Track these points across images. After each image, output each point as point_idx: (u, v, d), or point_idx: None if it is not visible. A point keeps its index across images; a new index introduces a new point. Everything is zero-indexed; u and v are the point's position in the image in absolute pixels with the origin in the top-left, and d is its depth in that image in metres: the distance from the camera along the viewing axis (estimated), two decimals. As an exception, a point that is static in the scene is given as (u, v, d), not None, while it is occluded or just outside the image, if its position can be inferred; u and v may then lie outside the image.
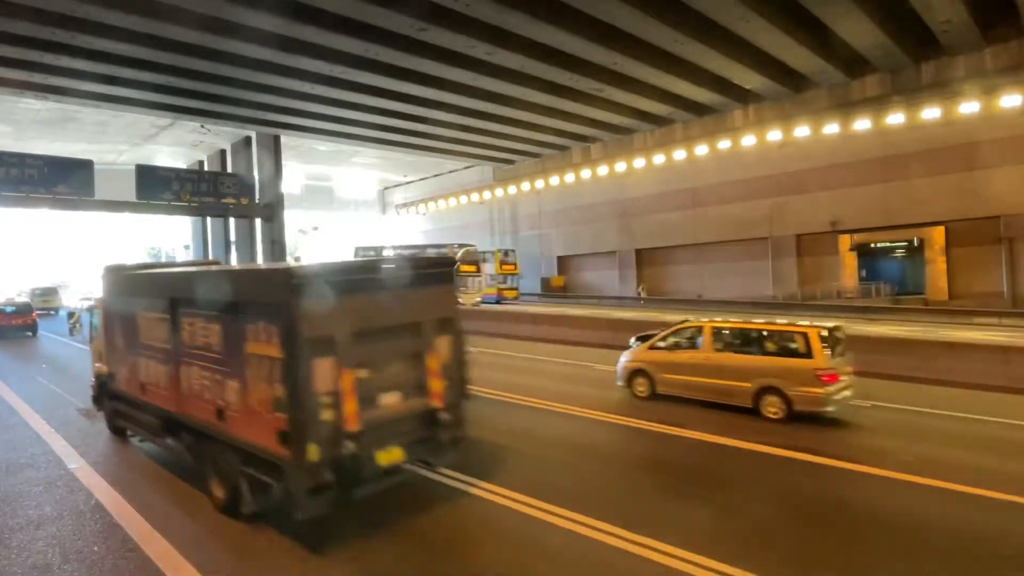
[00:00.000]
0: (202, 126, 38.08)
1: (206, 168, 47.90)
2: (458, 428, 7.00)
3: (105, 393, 9.54)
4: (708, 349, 10.87)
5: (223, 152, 46.86)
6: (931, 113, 25.32)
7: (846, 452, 8.34)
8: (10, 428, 10.13)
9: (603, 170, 37.42)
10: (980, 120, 25.00)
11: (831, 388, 9.50)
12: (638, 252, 40.15)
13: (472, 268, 37.28)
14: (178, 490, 7.15)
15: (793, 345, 10.07)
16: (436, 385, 6.56)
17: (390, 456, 6.17)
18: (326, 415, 5.61)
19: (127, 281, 9.21)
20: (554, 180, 40.72)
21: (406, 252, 34.58)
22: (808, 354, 9.72)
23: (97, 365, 10.00)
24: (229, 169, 45.72)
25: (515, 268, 40.81)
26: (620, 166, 36.41)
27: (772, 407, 9.96)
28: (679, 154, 33.34)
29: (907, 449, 8.54)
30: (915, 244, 30.75)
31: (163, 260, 74.63)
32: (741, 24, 19.82)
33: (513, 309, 32.09)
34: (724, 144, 31.53)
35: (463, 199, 50.09)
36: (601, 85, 25.36)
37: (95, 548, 5.69)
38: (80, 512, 6.51)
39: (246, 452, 6.08)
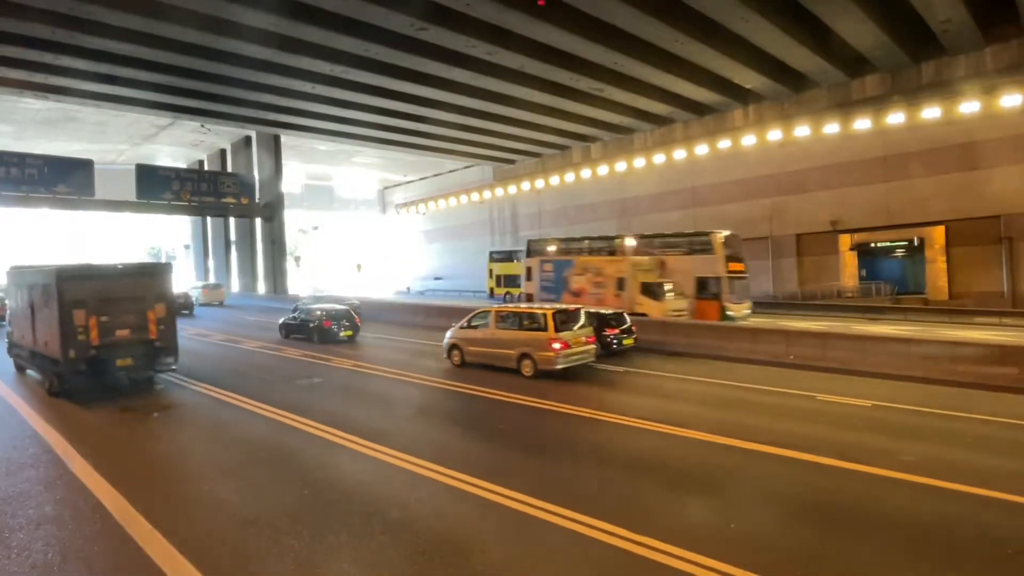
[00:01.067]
0: (202, 126, 38.08)
1: (206, 168, 47.90)
2: (168, 352, 12.89)
3: (11, 345, 15.17)
4: (493, 327, 14.47)
5: (223, 152, 46.85)
6: (931, 113, 25.32)
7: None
8: (9, 427, 10.16)
9: (603, 170, 37.42)
10: (980, 120, 24.99)
11: (560, 352, 13.13)
12: (638, 252, 40.11)
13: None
14: (178, 490, 7.16)
15: (537, 323, 13.54)
16: (152, 328, 12.58)
17: (124, 362, 12.23)
18: (81, 337, 11.55)
19: (14, 276, 14.73)
20: (554, 180, 40.71)
21: (657, 238, 25.75)
22: (545, 328, 13.31)
23: (8, 330, 15.51)
24: (229, 169, 45.72)
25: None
26: (620, 166, 36.40)
27: (526, 367, 13.53)
28: (679, 154, 33.34)
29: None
30: (915, 244, 30.74)
31: (163, 260, 74.59)
32: (741, 23, 19.82)
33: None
34: (724, 144, 31.53)
35: (463, 199, 50.09)
36: (601, 85, 25.37)
37: (95, 548, 5.69)
38: (80, 512, 6.51)
39: (52, 359, 12.08)
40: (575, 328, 13.75)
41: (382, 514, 6.31)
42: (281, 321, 22.25)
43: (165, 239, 73.44)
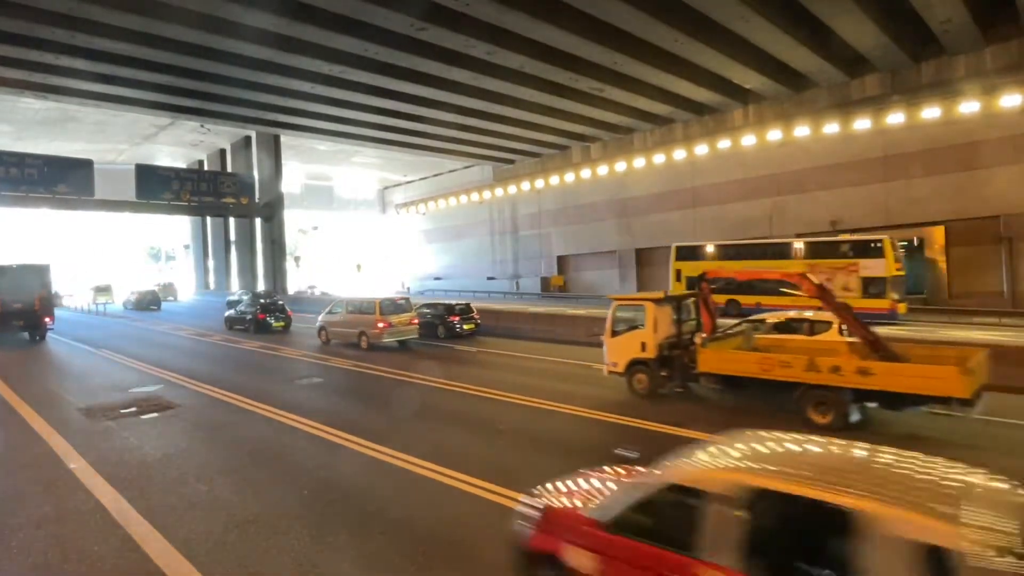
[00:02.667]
0: (202, 126, 38.08)
1: (206, 168, 47.90)
2: (47, 315, 21.90)
3: None
4: (344, 314, 19.50)
5: (223, 152, 46.86)
6: (931, 113, 25.31)
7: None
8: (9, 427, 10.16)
9: (603, 170, 37.42)
10: (980, 120, 24.98)
11: (385, 332, 18.16)
12: (638, 252, 40.13)
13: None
14: (178, 490, 7.16)
15: (371, 310, 18.61)
16: (36, 305, 21.20)
17: (19, 322, 21.23)
18: None
19: None
20: (554, 180, 40.71)
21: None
22: (374, 313, 18.35)
23: None
24: (229, 169, 45.73)
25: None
26: (620, 166, 36.40)
27: (363, 343, 18.46)
28: (679, 154, 33.34)
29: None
30: (915, 244, 30.72)
31: (162, 259, 74.58)
32: (741, 23, 19.82)
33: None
34: (724, 144, 31.53)
35: (463, 199, 50.08)
36: (601, 85, 25.37)
37: (95, 548, 5.69)
38: (80, 512, 6.51)
39: None
40: (400, 314, 18.85)
41: (382, 514, 6.31)
42: (225, 315, 26.68)
43: (165, 239, 73.52)
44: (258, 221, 44.77)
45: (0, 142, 37.74)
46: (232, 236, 48.14)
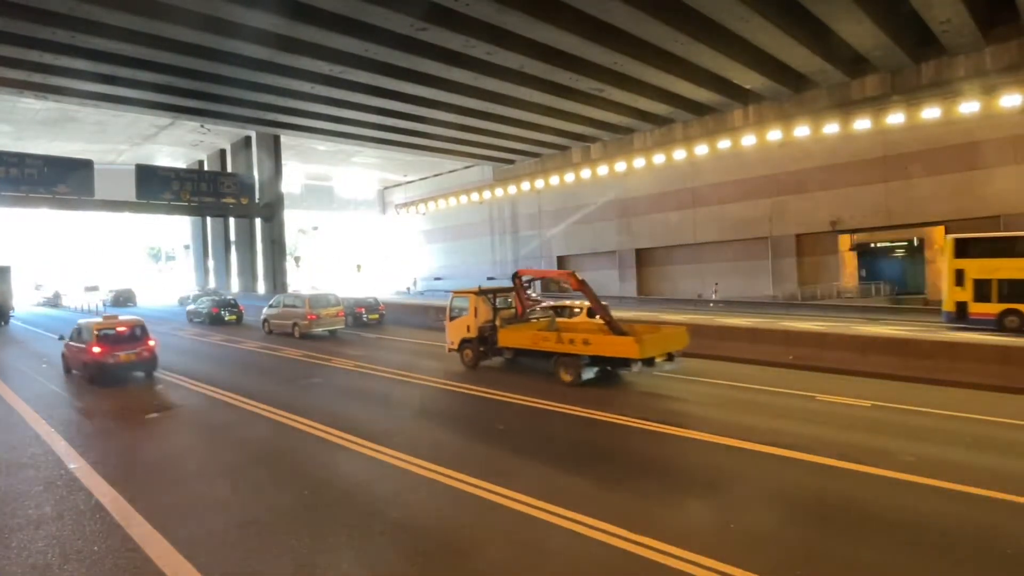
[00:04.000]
0: (202, 126, 38.06)
1: (206, 168, 47.88)
2: (9, 309, 30.62)
3: None
4: (282, 308, 23.19)
5: (223, 152, 46.83)
6: (931, 113, 25.31)
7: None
8: (9, 427, 10.16)
9: (603, 170, 37.42)
10: (980, 120, 24.99)
11: (313, 323, 21.64)
12: (638, 252, 40.15)
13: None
14: (178, 490, 7.16)
15: (301, 304, 22.39)
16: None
17: None
18: None
19: None
20: (554, 180, 40.71)
21: None
22: (303, 307, 22.03)
23: None
24: (229, 169, 45.70)
25: None
26: (620, 166, 36.40)
27: (296, 333, 21.89)
28: (679, 154, 33.33)
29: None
30: (915, 244, 30.73)
31: (162, 259, 74.52)
32: (741, 24, 19.81)
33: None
34: (724, 144, 31.53)
35: (463, 199, 50.07)
36: (601, 85, 25.36)
37: (95, 548, 5.69)
38: (80, 512, 6.52)
39: None
40: (328, 308, 22.35)
41: (382, 514, 6.31)
42: (187, 309, 31.30)
43: (165, 239, 73.50)
44: (258, 221, 44.76)
45: (0, 142, 37.73)
46: (232, 236, 48.12)
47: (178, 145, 44.73)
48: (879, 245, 32.41)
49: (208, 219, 49.62)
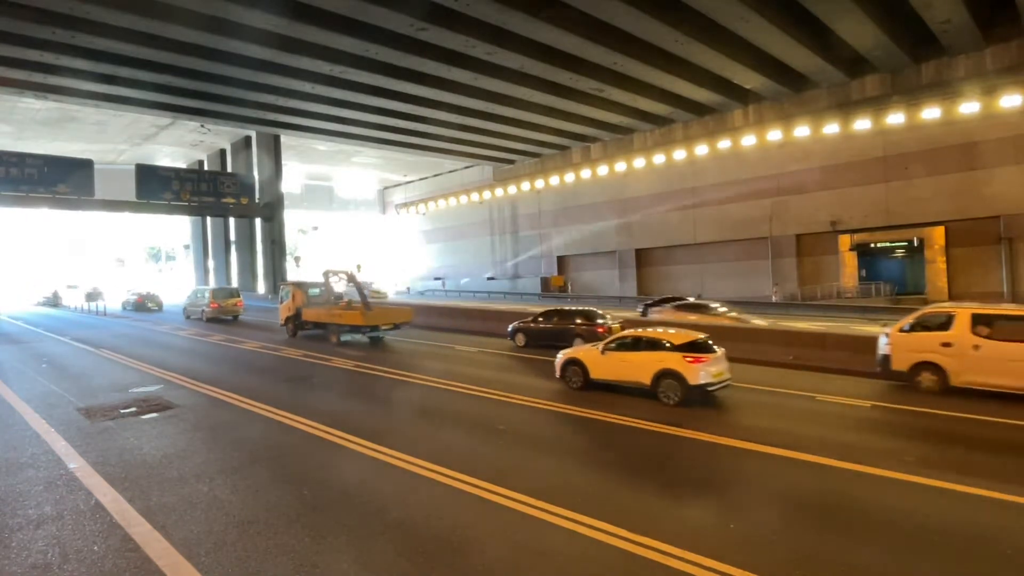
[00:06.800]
0: (202, 126, 38.06)
1: (206, 168, 47.87)
2: None
3: None
4: (195, 298, 30.57)
5: (223, 152, 46.82)
6: (931, 113, 25.32)
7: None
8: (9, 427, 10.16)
9: (603, 170, 37.43)
10: (980, 120, 25.01)
11: (215, 310, 28.79)
12: (638, 252, 40.16)
13: None
14: (178, 490, 7.16)
15: (206, 295, 29.54)
16: None
17: None
18: None
19: None
20: (554, 180, 40.72)
21: None
22: (208, 298, 29.45)
23: None
24: (229, 169, 45.69)
25: None
26: (620, 166, 36.40)
27: (204, 318, 28.90)
28: (679, 154, 33.34)
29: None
30: (915, 244, 30.73)
31: (162, 259, 74.50)
32: (741, 24, 19.81)
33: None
34: (724, 144, 31.54)
35: (463, 199, 50.07)
36: (601, 85, 25.35)
37: (95, 548, 5.69)
38: (80, 512, 6.51)
39: None
40: (229, 299, 29.40)
41: (382, 514, 6.31)
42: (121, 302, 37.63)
43: (165, 239, 73.48)
44: (258, 221, 44.76)
45: (0, 142, 37.72)
46: (232, 236, 48.12)
47: (178, 145, 44.72)
48: (879, 245, 32.40)
49: (208, 219, 49.62)
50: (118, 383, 13.80)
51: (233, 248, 48.40)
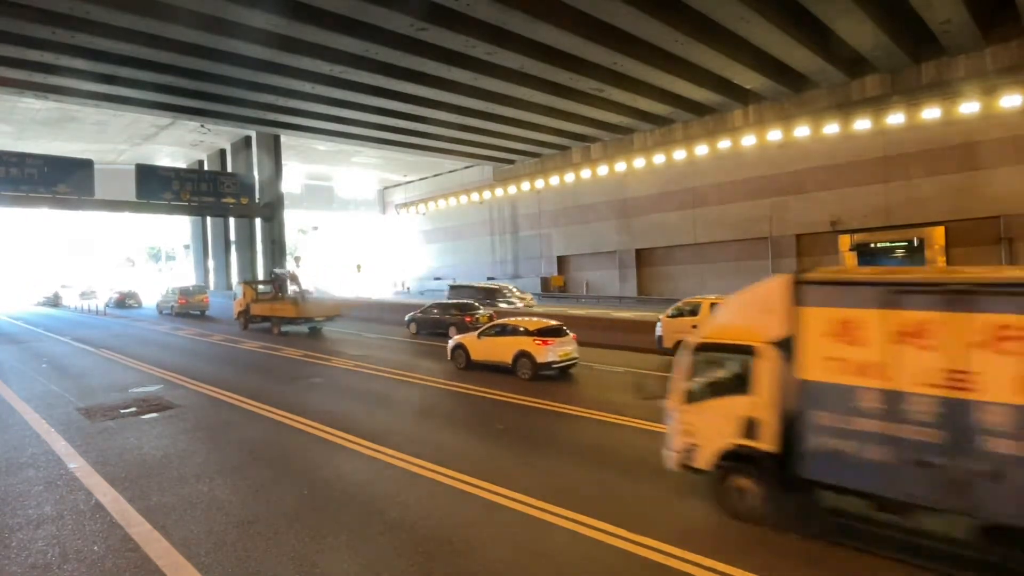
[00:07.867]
0: (202, 126, 38.05)
1: (206, 168, 47.87)
2: None
3: None
4: (168, 295, 35.85)
5: (223, 152, 46.82)
6: (931, 113, 25.30)
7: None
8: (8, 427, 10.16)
9: (603, 170, 37.42)
10: (980, 120, 24.99)
11: (183, 306, 34.20)
12: (638, 252, 40.14)
13: None
14: (178, 490, 7.16)
15: (176, 293, 35.26)
16: None
17: None
18: None
19: None
20: (554, 180, 40.71)
21: None
22: (178, 295, 34.75)
23: None
24: (229, 169, 45.68)
25: None
26: (620, 166, 36.39)
27: (173, 312, 34.34)
28: (679, 154, 33.33)
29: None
30: (915, 244, 30.69)
31: (162, 259, 74.58)
32: (741, 24, 19.80)
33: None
34: (724, 144, 31.53)
35: (463, 199, 50.07)
36: (601, 85, 25.35)
37: (95, 548, 5.70)
38: (80, 512, 6.52)
39: None
40: (196, 295, 34.19)
41: (382, 514, 6.32)
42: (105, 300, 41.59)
43: (165, 239, 73.48)
44: (258, 221, 44.75)
45: (0, 142, 37.71)
46: (232, 236, 48.12)
47: (178, 145, 44.72)
48: (879, 245, 32.34)
49: (208, 219, 49.63)
50: (118, 383, 13.81)
51: (233, 248, 48.40)
